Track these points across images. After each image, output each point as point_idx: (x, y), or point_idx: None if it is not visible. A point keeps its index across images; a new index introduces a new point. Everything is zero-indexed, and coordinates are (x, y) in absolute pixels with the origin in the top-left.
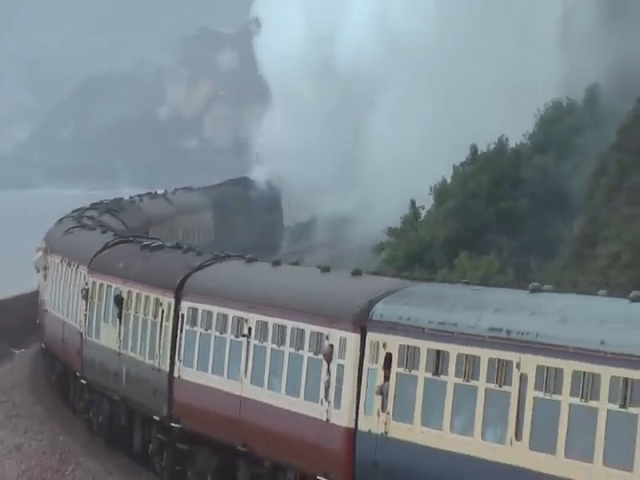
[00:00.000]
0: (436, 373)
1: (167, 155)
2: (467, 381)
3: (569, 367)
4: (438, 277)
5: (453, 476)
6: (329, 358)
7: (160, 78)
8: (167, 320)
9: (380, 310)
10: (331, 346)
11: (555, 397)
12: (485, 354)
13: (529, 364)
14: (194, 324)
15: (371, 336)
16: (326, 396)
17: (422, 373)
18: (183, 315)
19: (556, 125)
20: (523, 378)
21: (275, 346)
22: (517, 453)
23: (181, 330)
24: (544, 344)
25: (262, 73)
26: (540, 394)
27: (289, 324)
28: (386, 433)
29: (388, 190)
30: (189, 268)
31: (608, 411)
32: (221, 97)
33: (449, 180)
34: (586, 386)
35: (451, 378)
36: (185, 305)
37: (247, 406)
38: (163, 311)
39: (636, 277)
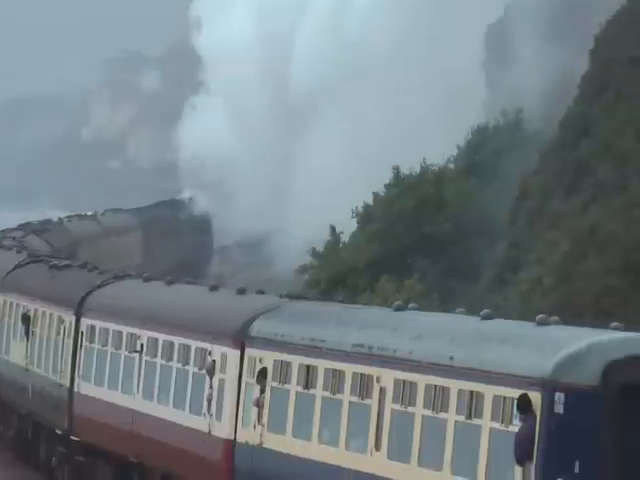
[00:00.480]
0: (306, 387)
1: (91, 176)
2: (333, 394)
3: (422, 381)
4: (360, 301)
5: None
6: (212, 373)
7: (84, 100)
8: (68, 337)
9: (257, 327)
10: (213, 361)
11: (410, 409)
12: (349, 369)
13: (388, 378)
14: (92, 341)
15: (249, 352)
16: (209, 409)
17: (294, 387)
18: (82, 332)
19: (480, 149)
20: (382, 391)
21: (164, 362)
22: (377, 462)
23: (81, 346)
24: (401, 359)
25: (205, 68)
26: (397, 406)
27: (177, 340)
28: (261, 444)
29: (311, 214)
30: (89, 287)
31: (455, 422)
32: (145, 119)
33: (372, 203)
34: (437, 399)
35: (319, 391)
36: (84, 322)
37: (139, 419)
38: (65, 328)
39: (557, 301)
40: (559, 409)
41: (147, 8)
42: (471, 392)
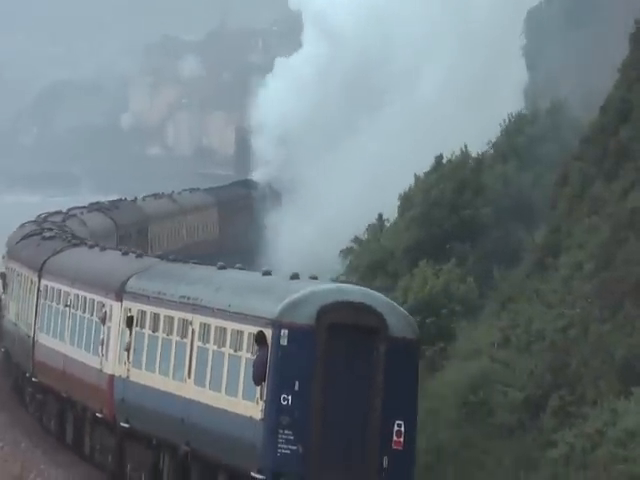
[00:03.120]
0: (154, 330)
1: (130, 163)
2: (168, 335)
3: (213, 323)
4: (399, 286)
5: (161, 405)
6: (104, 321)
7: (123, 86)
8: (32, 295)
9: (130, 284)
10: (105, 312)
11: (206, 345)
12: (177, 315)
13: (196, 322)
14: (46, 298)
15: (124, 304)
16: (101, 351)
17: (147, 331)
18: (41, 291)
19: (519, 135)
20: (193, 332)
21: (80, 312)
22: (189, 388)
23: (39, 303)
24: (203, 306)
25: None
26: (200, 344)
27: (87, 295)
28: (128, 377)
29: (357, 204)
30: (50, 252)
31: (229, 355)
32: (184, 105)
33: (412, 189)
34: (219, 337)
35: (160, 334)
36: (42, 283)
37: (67, 361)
38: (31, 288)
39: (598, 286)
40: (284, 342)
41: None
42: (238, 331)
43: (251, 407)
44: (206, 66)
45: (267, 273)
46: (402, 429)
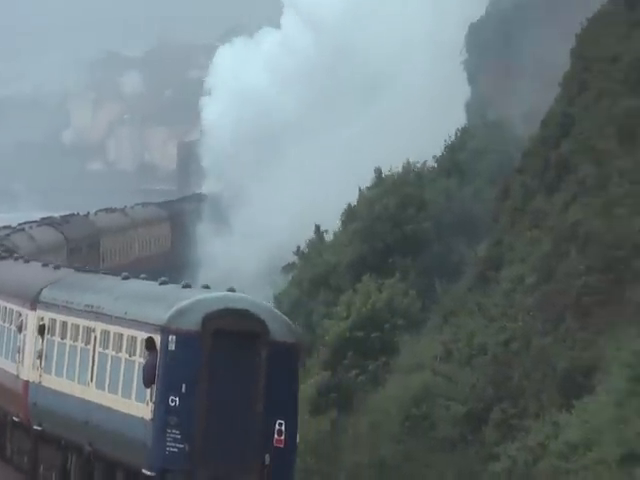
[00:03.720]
0: (63, 337)
1: (72, 178)
2: (74, 342)
3: (112, 330)
4: (342, 300)
5: (67, 408)
6: (20, 330)
7: (64, 101)
8: None
9: (44, 293)
10: (21, 321)
11: (106, 351)
12: (82, 323)
13: (98, 328)
14: None
15: (38, 313)
16: (18, 358)
17: (57, 338)
18: None
19: (461, 150)
20: (95, 339)
21: (0, 322)
22: (91, 392)
23: None
24: (104, 314)
25: None
26: (100, 349)
27: (7, 305)
28: (40, 382)
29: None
30: None
31: (125, 359)
32: (126, 120)
33: (355, 204)
34: (116, 343)
35: (68, 341)
36: None
37: None
38: None
39: (539, 299)
40: (172, 347)
41: (127, 9)
42: (132, 337)
43: (142, 408)
44: (148, 82)
45: (164, 283)
46: (283, 428)
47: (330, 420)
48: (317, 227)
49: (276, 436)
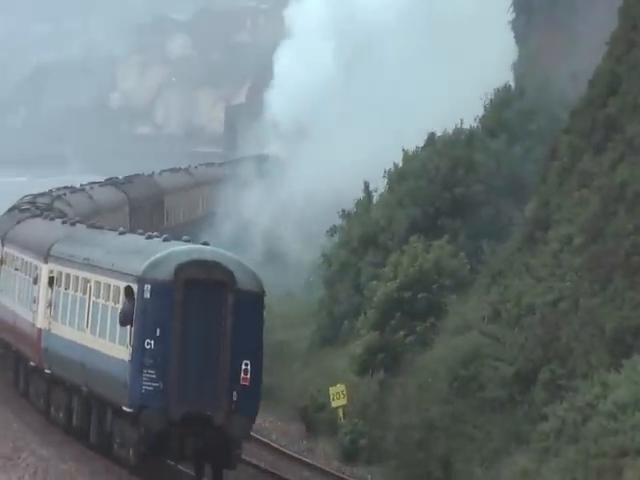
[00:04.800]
0: (67, 288)
1: (119, 142)
2: (75, 292)
3: (103, 281)
4: (390, 261)
5: (69, 353)
6: (35, 281)
7: (111, 65)
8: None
9: (54, 248)
10: (37, 274)
11: (97, 300)
12: (80, 274)
13: (92, 279)
14: (5, 263)
15: (49, 266)
16: (33, 307)
17: (62, 289)
18: (2, 257)
19: (506, 109)
20: (90, 289)
21: (22, 275)
22: (87, 337)
23: (2, 265)
24: (97, 266)
25: None
26: (94, 299)
27: (27, 259)
28: (50, 329)
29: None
30: (13, 223)
31: (111, 307)
32: (173, 84)
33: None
34: (104, 291)
35: (70, 291)
36: (4, 250)
37: (15, 318)
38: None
39: (588, 260)
40: (147, 295)
41: None
42: (116, 286)
43: (123, 351)
44: (195, 45)
45: (149, 237)
46: (249, 368)
47: (378, 381)
48: (366, 185)
49: (242, 375)
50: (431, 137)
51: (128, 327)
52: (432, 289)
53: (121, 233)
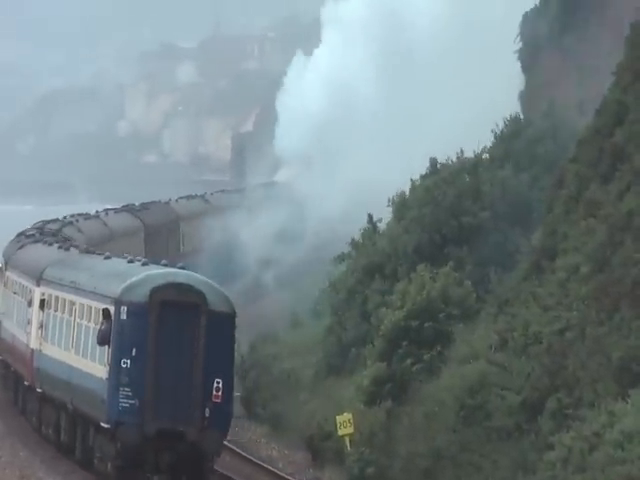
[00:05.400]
0: (56, 310)
1: (126, 170)
2: (62, 314)
3: (85, 303)
4: (397, 289)
5: (57, 372)
6: (30, 304)
7: (119, 93)
8: (1, 285)
9: (46, 272)
10: (31, 297)
11: (82, 322)
12: (67, 297)
13: (77, 301)
14: (6, 286)
15: (41, 289)
16: (27, 328)
17: (52, 311)
18: (4, 281)
19: (515, 139)
20: (76, 311)
21: (19, 298)
22: (72, 357)
23: (6, 287)
24: (82, 289)
25: None
26: (79, 320)
27: (23, 283)
28: (41, 350)
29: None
30: (15, 247)
31: (92, 328)
32: (180, 112)
33: (408, 193)
34: (87, 314)
35: (59, 313)
36: (6, 274)
37: (14, 339)
38: (1, 279)
39: (594, 289)
40: (124, 316)
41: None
42: (97, 308)
43: (102, 370)
44: (202, 73)
45: (130, 261)
46: (220, 385)
47: (385, 410)
48: (370, 216)
49: (214, 392)
50: (434, 164)
51: (106, 347)
52: (439, 318)
53: (106, 257)
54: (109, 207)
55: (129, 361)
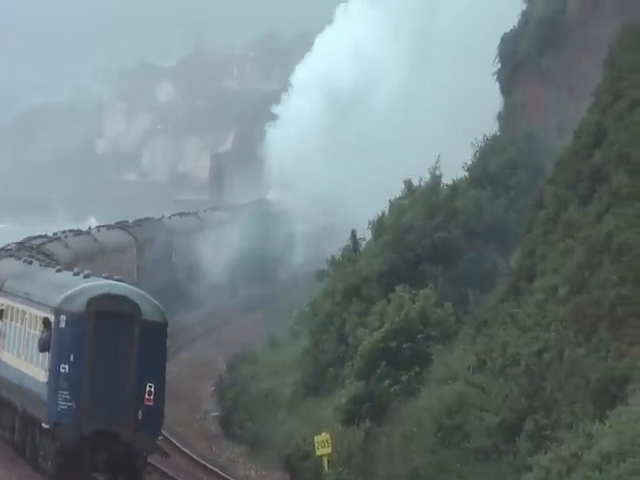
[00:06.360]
0: (11, 320)
1: (104, 188)
2: (16, 323)
3: (34, 313)
4: (374, 310)
5: (11, 377)
6: None
7: (98, 111)
8: None
9: (7, 284)
10: None
11: (30, 330)
12: (20, 307)
13: (27, 311)
14: None
15: (0, 300)
16: None
17: (8, 320)
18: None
19: (493, 159)
20: (26, 320)
21: None
22: (21, 362)
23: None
24: (31, 300)
25: None
26: (28, 329)
27: None
28: (0, 357)
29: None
30: None
31: (34, 334)
32: (159, 131)
33: (386, 214)
34: (36, 323)
35: (14, 323)
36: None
37: None
38: None
39: (573, 310)
40: (62, 325)
41: (159, 18)
42: (43, 317)
43: (43, 374)
44: (181, 92)
45: (76, 274)
46: (152, 390)
47: (363, 430)
48: (353, 233)
49: (147, 396)
50: (409, 186)
51: (47, 353)
52: (417, 339)
53: (58, 270)
54: (101, 225)
55: (67, 366)
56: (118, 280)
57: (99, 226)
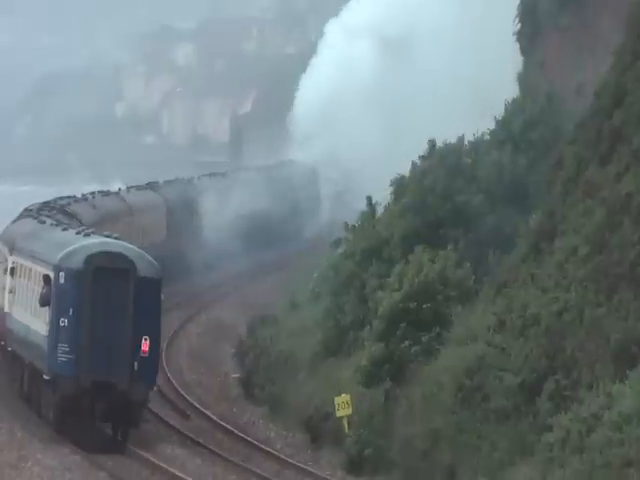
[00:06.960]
0: (20, 277)
1: (124, 151)
2: (24, 280)
3: (39, 270)
4: (395, 272)
5: (21, 332)
6: (5, 271)
7: (117, 75)
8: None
9: (17, 242)
10: (6, 264)
11: (35, 286)
12: (28, 265)
13: (34, 269)
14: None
15: (11, 258)
16: (3, 294)
17: (17, 277)
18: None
19: (513, 121)
20: (32, 276)
21: (1, 265)
22: (29, 317)
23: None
24: (37, 258)
25: None
26: (34, 285)
27: (3, 250)
28: (11, 313)
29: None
30: (8, 222)
31: (38, 290)
32: (178, 93)
33: (407, 175)
34: (39, 278)
35: (22, 280)
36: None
37: None
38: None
39: (593, 270)
40: (62, 280)
41: None
42: (40, 272)
43: (45, 328)
44: (200, 54)
45: (78, 233)
46: (148, 342)
47: (383, 391)
48: (369, 198)
49: (142, 348)
50: (432, 146)
51: (47, 307)
52: (437, 299)
53: (64, 229)
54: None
55: (66, 320)
56: (116, 238)
57: (129, 187)
